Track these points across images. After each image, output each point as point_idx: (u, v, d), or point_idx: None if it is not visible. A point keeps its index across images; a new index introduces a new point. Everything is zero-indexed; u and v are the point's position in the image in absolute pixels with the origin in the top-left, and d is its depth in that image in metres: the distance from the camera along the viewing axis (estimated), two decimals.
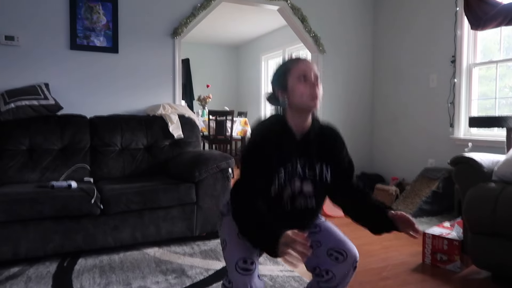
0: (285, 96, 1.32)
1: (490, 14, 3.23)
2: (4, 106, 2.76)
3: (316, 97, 1.29)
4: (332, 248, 1.38)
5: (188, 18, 3.58)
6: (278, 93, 1.35)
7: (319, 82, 1.32)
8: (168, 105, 3.36)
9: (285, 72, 1.33)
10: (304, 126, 1.35)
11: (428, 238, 2.39)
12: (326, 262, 1.38)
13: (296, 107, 1.31)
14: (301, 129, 1.34)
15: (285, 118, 1.34)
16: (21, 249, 2.24)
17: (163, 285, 2.04)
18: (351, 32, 4.49)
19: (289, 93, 1.31)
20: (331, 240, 1.40)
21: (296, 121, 1.33)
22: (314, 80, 1.30)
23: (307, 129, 1.35)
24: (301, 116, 1.33)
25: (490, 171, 2.18)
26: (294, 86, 1.30)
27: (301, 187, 1.34)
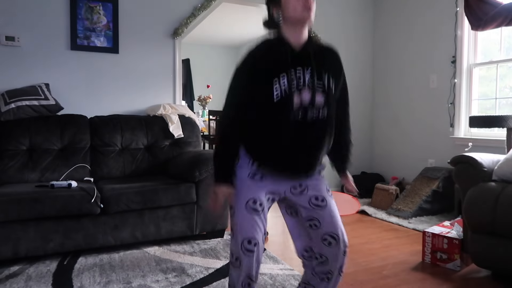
0: (279, 11, 1.33)
1: (490, 14, 3.24)
2: (5, 106, 2.76)
3: (309, 8, 1.30)
4: (327, 233, 1.40)
5: (188, 19, 3.58)
6: (273, 11, 1.36)
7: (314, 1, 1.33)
8: (168, 105, 3.36)
9: None
10: (300, 39, 1.35)
11: (428, 237, 2.39)
12: (319, 246, 1.42)
13: (291, 20, 1.32)
14: (298, 42, 1.35)
15: (280, 32, 1.35)
16: (21, 248, 2.24)
17: (163, 283, 2.04)
18: (351, 32, 4.50)
19: (282, 8, 1.33)
20: (329, 223, 1.41)
21: (292, 35, 1.34)
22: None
23: (303, 42, 1.36)
24: (296, 30, 1.34)
25: (490, 170, 2.18)
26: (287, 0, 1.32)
27: (312, 98, 1.33)
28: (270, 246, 2.68)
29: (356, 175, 4.40)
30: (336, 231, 1.40)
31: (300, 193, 1.43)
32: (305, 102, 1.32)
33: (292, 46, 1.34)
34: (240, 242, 1.32)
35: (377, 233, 3.00)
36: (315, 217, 1.42)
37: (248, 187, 1.36)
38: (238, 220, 1.35)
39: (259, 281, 2.06)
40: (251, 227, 1.32)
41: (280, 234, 2.96)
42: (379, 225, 3.25)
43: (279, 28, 1.36)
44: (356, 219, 3.44)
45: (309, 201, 1.42)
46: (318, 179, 1.45)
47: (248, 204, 1.33)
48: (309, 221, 1.43)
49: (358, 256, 2.49)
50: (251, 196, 1.34)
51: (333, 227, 1.40)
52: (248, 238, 1.32)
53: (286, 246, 2.68)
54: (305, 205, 1.43)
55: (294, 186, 1.42)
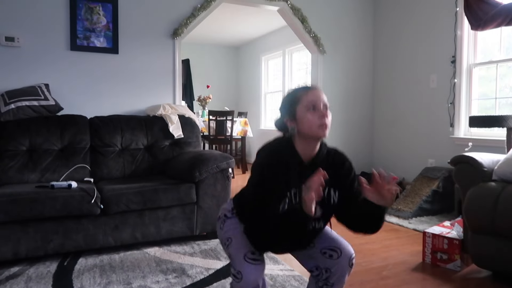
0: (294, 125, 1.32)
1: (490, 14, 3.24)
2: (4, 107, 2.76)
3: (325, 127, 1.29)
4: (325, 247, 1.40)
5: (188, 19, 3.58)
6: (286, 121, 1.35)
7: (328, 110, 1.32)
8: (168, 106, 3.36)
9: (294, 101, 1.34)
10: (312, 153, 1.35)
11: (428, 237, 2.38)
12: (322, 260, 1.41)
13: (305, 135, 1.32)
14: (309, 155, 1.35)
15: (293, 143, 1.34)
16: (21, 249, 2.24)
17: (163, 284, 2.04)
18: (351, 32, 4.50)
19: (297, 122, 1.31)
20: (324, 239, 1.42)
21: (303, 148, 1.34)
22: (323, 109, 1.31)
23: (314, 154, 1.35)
24: (309, 144, 1.34)
25: (490, 170, 2.18)
26: (303, 115, 1.30)
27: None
28: None
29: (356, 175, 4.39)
30: (335, 244, 1.40)
31: None
32: None
33: (302, 161, 1.33)
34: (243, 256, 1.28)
35: (377, 234, 2.99)
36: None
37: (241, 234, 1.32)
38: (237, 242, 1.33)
39: None
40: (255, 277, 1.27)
41: None
42: None
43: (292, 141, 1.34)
44: None
45: None
46: None
47: (247, 256, 1.28)
48: None
49: (358, 257, 2.48)
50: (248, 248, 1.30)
51: (330, 241, 1.41)
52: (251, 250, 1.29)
53: None
54: None
55: None
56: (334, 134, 4.31)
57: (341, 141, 4.34)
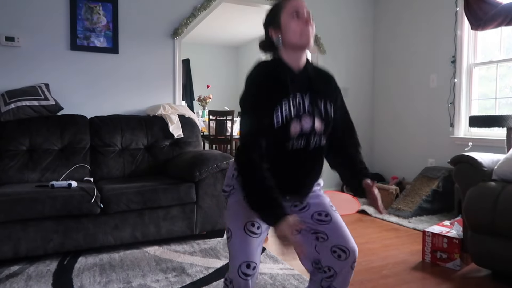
0: (279, 34, 1.32)
1: (490, 14, 3.24)
2: (5, 107, 2.76)
3: (309, 33, 1.29)
4: (336, 245, 1.37)
5: (188, 19, 3.58)
6: (271, 33, 1.35)
7: (312, 19, 1.32)
8: (168, 105, 3.36)
9: (277, 10, 1.34)
10: (299, 63, 1.34)
11: (428, 237, 2.39)
12: (328, 258, 1.38)
13: (290, 44, 1.31)
14: (297, 66, 1.34)
15: (279, 56, 1.34)
16: (21, 248, 2.25)
17: (163, 283, 2.04)
18: (351, 32, 4.50)
19: (282, 31, 1.31)
20: (338, 236, 1.38)
21: (291, 58, 1.33)
22: (307, 16, 1.30)
23: (302, 66, 1.35)
24: (296, 53, 1.33)
25: (490, 170, 2.18)
26: (287, 23, 1.30)
27: (312, 124, 1.32)
28: (270, 245, 2.68)
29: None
30: (346, 244, 1.36)
31: (301, 210, 1.42)
32: (306, 129, 1.31)
33: (292, 70, 1.33)
34: (237, 266, 1.23)
35: (377, 233, 3.00)
36: (320, 230, 1.39)
37: (246, 208, 1.26)
38: (236, 243, 1.28)
39: (259, 281, 2.06)
40: (249, 250, 1.25)
41: None
42: (379, 224, 3.25)
43: (278, 51, 1.34)
44: (356, 218, 3.44)
45: (312, 216, 1.40)
46: (319, 197, 1.44)
47: (247, 227, 1.27)
48: (315, 234, 1.41)
49: (358, 256, 2.48)
50: (249, 218, 1.28)
51: (343, 240, 1.37)
52: (247, 262, 1.23)
53: None
54: (308, 220, 1.40)
55: (295, 204, 1.42)
56: None
57: None
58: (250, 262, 1.24)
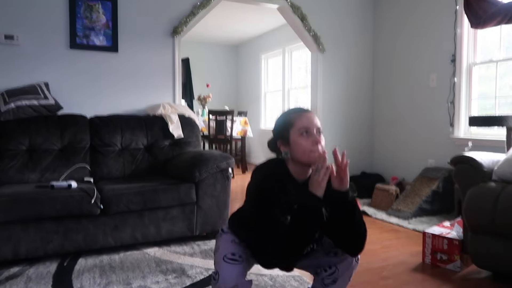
0: (287, 149, 1.33)
1: (490, 12, 3.23)
2: (4, 106, 2.76)
3: (318, 152, 1.28)
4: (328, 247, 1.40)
5: (187, 17, 3.57)
6: (279, 145, 1.36)
7: (321, 134, 1.33)
8: (168, 105, 3.35)
9: (287, 125, 1.33)
10: (305, 174, 1.35)
11: (428, 238, 2.39)
12: (326, 260, 1.41)
13: (298, 160, 1.32)
14: (303, 176, 1.35)
15: (286, 166, 1.35)
16: (21, 249, 2.24)
17: (163, 284, 2.04)
18: (351, 30, 4.49)
19: (291, 147, 1.32)
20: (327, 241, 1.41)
21: (297, 171, 1.34)
22: (316, 133, 1.31)
23: (307, 176, 1.35)
24: (302, 168, 1.34)
25: (490, 170, 2.18)
26: (296, 140, 1.30)
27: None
28: None
29: (356, 175, 4.40)
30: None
31: None
32: None
33: (297, 181, 1.34)
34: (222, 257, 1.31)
35: (377, 234, 3.00)
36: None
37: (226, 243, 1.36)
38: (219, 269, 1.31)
39: (259, 282, 2.06)
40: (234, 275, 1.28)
41: None
42: (379, 225, 3.25)
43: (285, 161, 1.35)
44: None
45: None
46: None
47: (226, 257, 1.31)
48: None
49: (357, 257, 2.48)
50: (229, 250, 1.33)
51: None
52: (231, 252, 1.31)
53: None
54: None
55: None
56: (334, 134, 4.31)
57: (341, 140, 4.34)
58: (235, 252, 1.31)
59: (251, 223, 1.30)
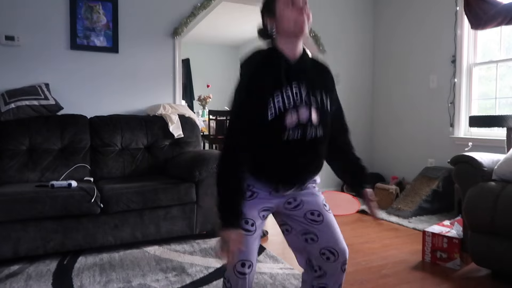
0: (273, 23, 1.31)
1: (490, 13, 3.24)
2: (5, 106, 2.76)
3: (303, 22, 1.27)
4: (325, 247, 1.35)
5: (188, 18, 3.58)
6: (267, 21, 1.34)
7: (307, 6, 1.30)
8: (168, 105, 3.36)
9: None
10: (295, 52, 1.32)
11: (428, 236, 2.39)
12: (317, 260, 1.38)
13: (285, 32, 1.30)
14: (293, 55, 1.32)
15: (275, 44, 1.33)
16: (21, 248, 2.25)
17: (163, 283, 2.04)
18: (351, 31, 4.50)
19: (277, 19, 1.30)
20: (328, 238, 1.36)
21: (286, 47, 1.31)
22: (302, 4, 1.29)
23: (298, 55, 1.33)
24: (291, 42, 1.31)
25: (490, 170, 2.18)
26: (281, 11, 1.29)
27: (309, 115, 1.29)
28: (270, 245, 2.68)
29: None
30: (335, 246, 1.34)
31: (295, 208, 1.39)
32: (303, 120, 1.28)
33: (287, 59, 1.31)
34: (233, 266, 1.23)
35: (377, 233, 3.00)
36: (311, 231, 1.37)
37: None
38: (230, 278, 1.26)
39: (259, 280, 2.06)
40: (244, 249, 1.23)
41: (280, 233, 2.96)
42: (379, 224, 3.25)
43: (274, 39, 1.33)
44: (356, 218, 3.44)
45: (305, 215, 1.38)
46: (313, 195, 1.41)
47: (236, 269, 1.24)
48: (305, 235, 1.39)
49: (358, 256, 2.49)
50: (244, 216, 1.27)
51: (333, 242, 1.35)
52: (241, 261, 1.22)
53: (286, 246, 2.66)
54: (300, 219, 1.39)
55: (288, 201, 1.39)
56: None
57: None
58: (245, 261, 1.23)
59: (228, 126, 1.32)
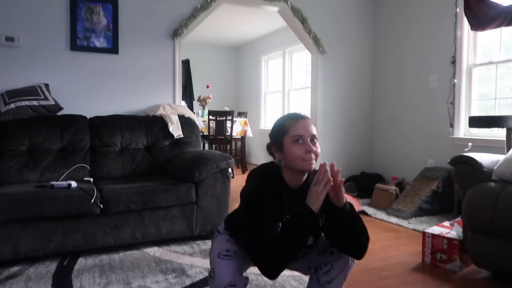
0: (281, 156, 1.33)
1: (490, 15, 3.24)
2: (4, 107, 2.76)
3: (310, 160, 1.28)
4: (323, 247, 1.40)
5: (188, 19, 3.58)
6: (274, 151, 1.36)
7: (316, 142, 1.31)
8: (168, 106, 3.36)
9: (281, 132, 1.32)
10: (299, 181, 1.35)
11: (427, 238, 2.39)
12: (321, 260, 1.41)
13: (291, 167, 1.31)
14: (296, 183, 1.35)
15: (281, 172, 1.34)
16: (21, 249, 2.24)
17: (163, 284, 2.04)
18: (351, 32, 4.50)
19: (284, 154, 1.31)
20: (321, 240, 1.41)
21: (291, 178, 1.34)
22: (311, 141, 1.29)
23: (301, 182, 1.35)
24: (296, 175, 1.33)
25: (490, 170, 2.18)
26: (289, 148, 1.29)
27: None
28: None
29: (356, 175, 4.40)
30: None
31: None
32: None
33: (291, 188, 1.34)
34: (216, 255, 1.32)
35: (376, 234, 3.00)
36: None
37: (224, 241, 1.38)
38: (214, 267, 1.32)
39: (259, 282, 2.06)
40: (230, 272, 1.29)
41: None
42: (378, 225, 3.25)
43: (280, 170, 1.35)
44: None
45: None
46: None
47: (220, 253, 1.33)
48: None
49: None
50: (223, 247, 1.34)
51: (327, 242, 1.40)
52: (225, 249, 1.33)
53: None
54: None
55: None
56: (334, 134, 4.31)
57: (341, 141, 4.34)
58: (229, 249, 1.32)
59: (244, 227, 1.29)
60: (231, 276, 1.27)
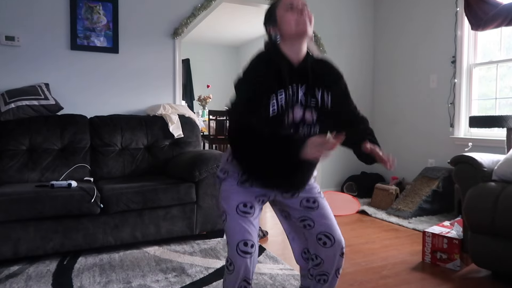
0: (276, 30, 1.35)
1: (491, 14, 3.24)
2: (5, 106, 2.76)
3: (304, 22, 1.31)
4: (322, 232, 1.40)
5: (188, 19, 3.58)
6: (270, 30, 1.38)
7: (307, 8, 1.33)
8: (168, 105, 3.36)
9: (274, 7, 1.37)
10: (299, 55, 1.36)
11: (428, 237, 2.39)
12: (314, 246, 1.42)
13: (288, 36, 1.33)
14: (297, 58, 1.36)
15: (279, 49, 1.36)
16: (21, 248, 2.24)
17: (163, 283, 2.04)
18: (351, 32, 4.50)
19: (279, 25, 1.34)
20: (323, 223, 1.41)
21: (290, 50, 1.35)
22: (302, 6, 1.33)
23: (302, 58, 1.37)
24: (294, 45, 1.35)
25: (490, 170, 2.18)
26: (282, 16, 1.33)
27: (303, 115, 1.35)
28: (270, 246, 2.68)
29: (356, 175, 4.40)
30: (331, 231, 1.40)
31: (291, 196, 1.44)
32: (296, 119, 1.33)
33: (291, 62, 1.35)
34: (235, 246, 1.28)
35: (377, 233, 3.00)
36: (308, 217, 1.43)
37: (237, 192, 1.36)
38: (230, 225, 1.32)
39: (259, 281, 2.06)
40: (245, 230, 1.29)
41: (280, 234, 2.96)
42: (379, 225, 3.25)
43: (278, 46, 1.36)
44: (356, 219, 3.44)
45: (300, 203, 1.44)
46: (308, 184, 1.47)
47: (239, 208, 1.32)
48: (302, 222, 1.45)
49: (358, 256, 2.49)
50: (241, 200, 1.34)
51: (328, 227, 1.40)
52: (243, 240, 1.28)
53: (286, 246, 2.67)
54: (297, 207, 1.44)
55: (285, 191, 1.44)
56: None
57: None
58: (247, 241, 1.28)
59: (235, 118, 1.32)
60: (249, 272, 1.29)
